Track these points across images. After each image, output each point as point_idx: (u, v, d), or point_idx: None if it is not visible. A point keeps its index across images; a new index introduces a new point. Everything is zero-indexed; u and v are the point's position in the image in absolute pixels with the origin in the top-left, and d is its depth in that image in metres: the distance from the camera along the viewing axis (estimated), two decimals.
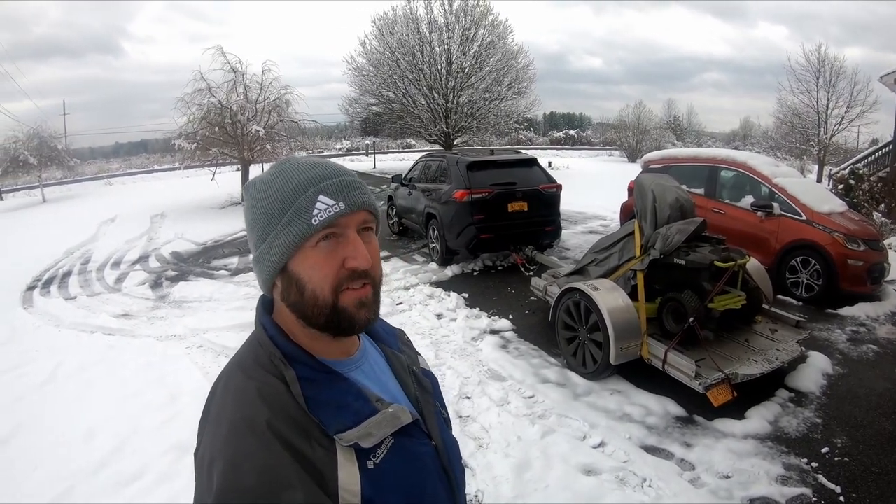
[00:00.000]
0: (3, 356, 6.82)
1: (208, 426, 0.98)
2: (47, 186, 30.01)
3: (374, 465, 0.97)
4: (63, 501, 3.90)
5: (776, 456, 4.13)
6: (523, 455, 4.14)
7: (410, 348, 1.37)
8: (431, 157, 11.46)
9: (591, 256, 6.34)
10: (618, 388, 5.12)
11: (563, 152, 49.37)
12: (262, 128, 18.52)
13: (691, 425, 4.55)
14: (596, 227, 13.06)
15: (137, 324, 7.74)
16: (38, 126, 28.79)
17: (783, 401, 4.88)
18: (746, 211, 8.19)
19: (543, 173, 9.80)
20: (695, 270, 5.02)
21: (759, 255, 6.88)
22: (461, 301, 7.83)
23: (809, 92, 26.66)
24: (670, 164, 9.55)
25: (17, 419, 5.15)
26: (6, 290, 9.98)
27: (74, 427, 4.86)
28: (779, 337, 5.22)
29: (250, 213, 1.04)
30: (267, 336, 1.05)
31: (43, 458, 4.48)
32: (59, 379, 6.01)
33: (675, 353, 4.68)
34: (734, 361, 4.77)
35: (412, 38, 29.07)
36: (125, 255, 12.58)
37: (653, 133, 42.68)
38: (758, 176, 8.30)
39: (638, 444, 4.31)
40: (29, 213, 23.00)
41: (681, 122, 59.40)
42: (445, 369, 5.63)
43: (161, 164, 43.75)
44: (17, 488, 4.12)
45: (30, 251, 13.57)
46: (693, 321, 4.73)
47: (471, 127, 30.50)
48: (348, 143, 58.59)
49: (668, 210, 5.48)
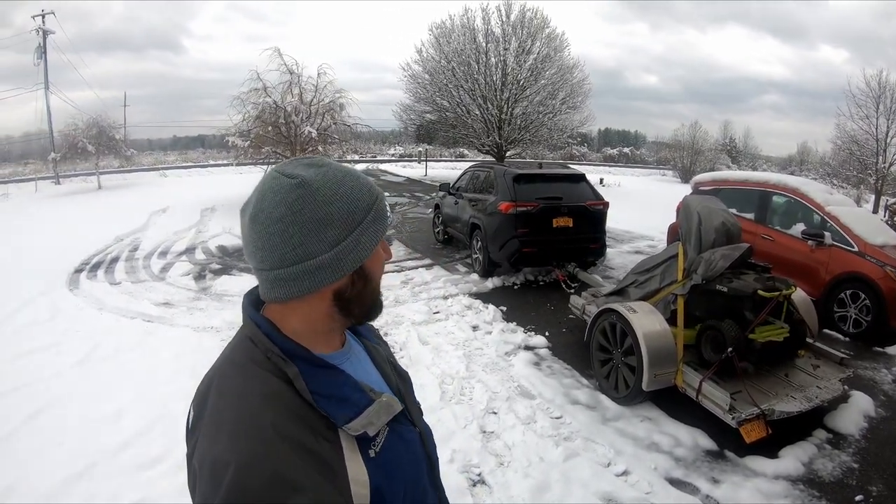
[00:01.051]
0: (44, 333, 7.06)
1: (205, 430, 0.96)
2: (104, 174, 31.05)
3: (376, 452, 1.01)
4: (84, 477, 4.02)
5: (807, 500, 3.94)
6: (543, 477, 4.06)
7: (382, 341, 1.40)
8: (479, 167, 11.46)
9: (632, 277, 6.21)
10: (649, 416, 4.98)
11: (616, 170, 49.05)
12: (315, 129, 18.80)
13: (721, 460, 4.39)
14: (642, 247, 12.85)
15: (176, 313, 7.92)
16: (98, 115, 29.88)
17: (820, 442, 4.65)
18: (796, 239, 7.94)
19: (591, 189, 9.66)
20: (737, 298, 4.85)
21: (806, 286, 6.66)
22: (498, 314, 7.77)
23: (869, 118, 25.67)
24: (721, 186, 9.35)
25: (51, 395, 5.33)
26: (55, 271, 10.31)
27: (103, 407, 5.00)
28: (821, 373, 4.98)
29: (322, 210, 1.00)
30: (261, 332, 1.03)
31: (70, 433, 4.62)
32: (95, 360, 6.21)
33: (711, 384, 4.52)
34: (771, 397, 4.57)
35: (468, 47, 29.18)
36: (172, 246, 12.86)
37: (707, 154, 42.11)
38: (810, 203, 8.04)
39: (663, 475, 4.18)
40: (84, 199, 23.83)
41: (736, 144, 58.23)
42: (475, 382, 5.58)
43: (216, 159, 44.76)
44: (42, 461, 4.26)
45: (81, 235, 14.01)
46: (731, 352, 4.55)
47: (523, 139, 30.46)
48: (401, 149, 59.12)
49: (713, 234, 5.30)
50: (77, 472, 4.06)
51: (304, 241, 0.99)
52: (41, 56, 33.95)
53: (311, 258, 1.00)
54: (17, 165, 45.04)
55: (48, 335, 6.98)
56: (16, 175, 38.90)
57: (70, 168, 32.93)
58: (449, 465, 4.15)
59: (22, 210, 21.18)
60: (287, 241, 0.99)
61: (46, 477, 4.02)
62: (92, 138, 28.58)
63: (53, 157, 30.74)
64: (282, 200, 0.99)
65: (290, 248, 0.99)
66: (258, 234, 1.01)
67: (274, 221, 0.99)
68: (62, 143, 29.86)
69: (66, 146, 29.01)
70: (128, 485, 3.87)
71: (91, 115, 29.62)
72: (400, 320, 7.39)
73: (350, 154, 21.23)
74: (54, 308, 8.17)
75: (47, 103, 34.22)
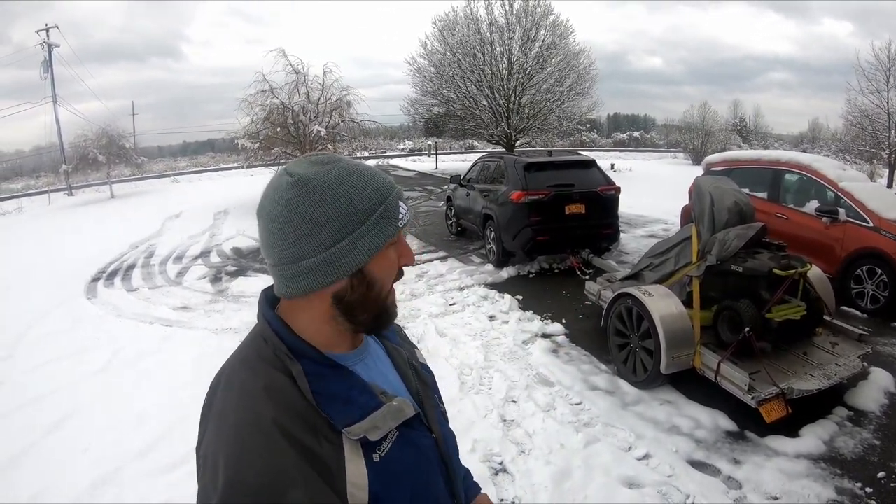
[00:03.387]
0: (65, 343, 7.16)
1: (211, 422, 0.99)
2: (116, 183, 31.37)
3: (380, 457, 1.00)
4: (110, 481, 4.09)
5: (829, 478, 3.91)
6: (565, 463, 4.07)
7: (408, 342, 1.39)
8: (489, 157, 11.47)
9: (646, 261, 6.19)
10: (668, 399, 4.98)
11: (627, 154, 48.73)
12: (324, 128, 18.85)
13: (742, 441, 4.37)
14: (656, 231, 12.80)
15: (195, 316, 8.02)
16: (107, 125, 30.21)
17: (840, 419, 4.61)
18: (810, 216, 7.85)
19: (602, 175, 9.65)
20: (752, 278, 4.85)
21: (823, 264, 6.57)
22: (515, 303, 7.78)
23: (880, 92, 24.86)
24: (732, 166, 9.28)
25: (74, 403, 5.43)
26: (72, 281, 10.46)
27: (126, 412, 5.08)
28: (839, 351, 4.95)
29: (316, 211, 0.98)
30: (271, 330, 1.04)
31: (94, 439, 4.71)
32: (116, 367, 6.31)
33: (729, 365, 4.50)
34: (790, 375, 4.56)
35: (473, 38, 29.08)
36: (188, 250, 13.01)
37: (718, 135, 41.75)
38: (823, 179, 7.94)
39: (684, 458, 4.18)
40: (97, 209, 24.14)
41: (747, 123, 57.62)
42: (493, 372, 5.60)
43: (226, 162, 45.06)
44: (68, 467, 4.35)
45: (97, 244, 14.20)
46: (749, 331, 4.53)
47: (532, 128, 30.33)
48: (410, 143, 59.15)
49: (726, 214, 5.28)
50: (103, 477, 4.15)
51: (297, 240, 0.99)
52: (48, 70, 34.31)
53: (304, 259, 0.99)
54: (30, 179, 45.79)
55: (69, 344, 7.09)
56: (28, 188, 39.84)
57: (82, 179, 33.23)
58: (470, 455, 4.18)
59: (36, 222, 21.46)
60: (284, 240, 1.00)
61: (73, 483, 4.10)
62: (102, 148, 28.86)
63: (65, 168, 31.09)
64: (279, 198, 1.00)
65: (287, 247, 1.00)
66: (262, 229, 1.03)
67: (273, 219, 1.00)
68: (73, 154, 30.17)
69: (78, 157, 29.30)
70: (153, 487, 3.94)
71: (100, 126, 29.96)
72: (416, 313, 7.43)
73: (360, 150, 21.22)
74: (73, 317, 8.30)
75: (56, 116, 34.82)
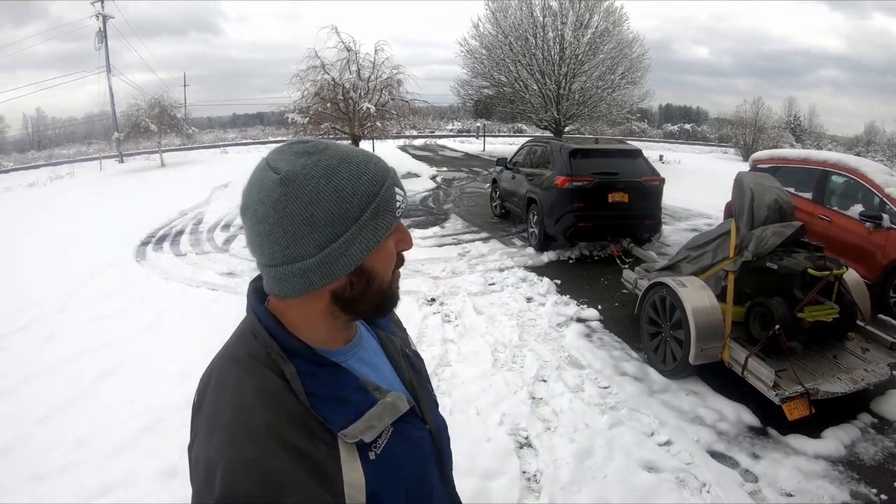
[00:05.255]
0: (114, 301, 7.56)
1: (203, 425, 0.96)
2: (166, 152, 32.12)
3: (376, 455, 0.98)
4: (154, 430, 4.35)
5: (845, 482, 3.95)
6: (588, 442, 4.20)
7: (401, 328, 1.36)
8: (536, 142, 11.58)
9: (684, 253, 6.26)
10: (694, 390, 5.06)
11: (676, 146, 48.00)
12: (374, 105, 19.02)
13: (763, 437, 4.43)
14: (700, 225, 12.69)
15: (240, 282, 8.28)
16: (160, 95, 30.83)
17: (864, 425, 4.62)
18: (854, 220, 7.72)
19: (647, 165, 9.71)
20: (787, 276, 4.88)
21: (863, 269, 6.51)
22: (553, 287, 7.92)
23: None
24: (779, 164, 9.15)
25: (121, 356, 5.74)
26: (123, 244, 10.92)
27: (171, 368, 5.29)
28: (869, 357, 4.91)
29: (307, 210, 0.92)
30: (262, 326, 1.00)
31: (139, 391, 4.98)
32: (162, 325, 6.62)
33: (757, 360, 4.56)
34: (817, 376, 4.57)
35: (526, 21, 28.82)
36: (235, 219, 13.23)
37: (770, 132, 40.71)
38: (869, 184, 7.76)
39: (705, 447, 4.27)
40: (148, 176, 24.84)
41: (801, 122, 56.21)
42: (527, 351, 5.76)
43: (275, 136, 45.56)
44: (113, 415, 4.62)
45: (146, 210, 14.65)
46: (779, 329, 4.58)
47: (582, 115, 30.00)
48: (459, 124, 59.05)
49: (765, 211, 5.30)
50: (146, 426, 4.39)
51: (289, 243, 0.93)
52: (102, 40, 35.06)
53: (297, 261, 0.94)
54: (81, 145, 47.09)
55: (118, 302, 7.48)
56: (80, 154, 40.87)
57: (133, 147, 34.19)
58: (498, 428, 4.36)
59: (88, 187, 22.17)
60: (275, 242, 0.94)
61: (117, 430, 4.36)
62: (154, 118, 29.47)
63: (117, 136, 31.90)
64: (265, 198, 0.93)
65: (278, 249, 0.94)
66: (247, 228, 0.98)
67: (259, 220, 0.94)
68: (125, 122, 30.88)
69: (130, 126, 30.02)
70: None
71: (153, 96, 30.62)
72: (456, 291, 7.61)
73: (409, 129, 21.36)
74: (123, 278, 8.72)
75: (110, 85, 35.46)
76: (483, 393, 4.91)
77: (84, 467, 3.96)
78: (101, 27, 34.80)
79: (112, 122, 34.98)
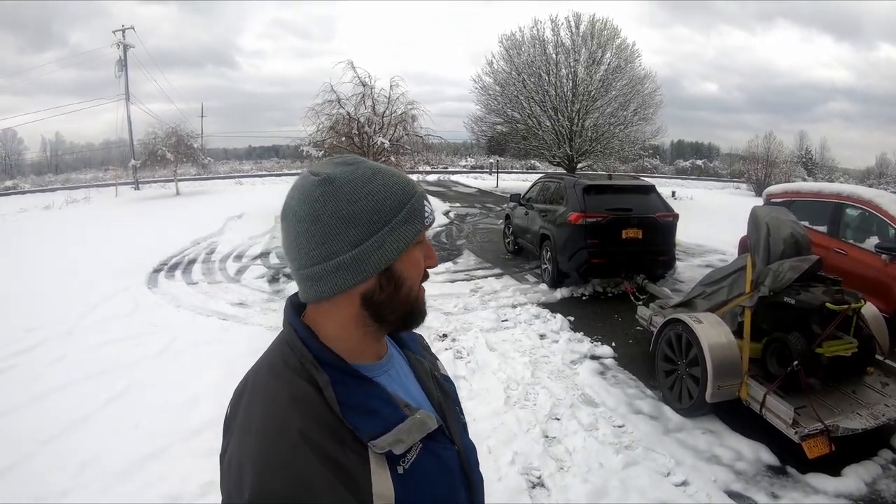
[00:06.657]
0: (125, 326, 7.58)
1: (236, 430, 0.99)
2: (182, 181, 32.73)
3: (405, 469, 0.99)
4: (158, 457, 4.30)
5: None
6: (602, 483, 4.11)
7: (430, 353, 1.39)
8: (549, 178, 11.60)
9: (699, 289, 6.18)
10: (711, 428, 4.95)
11: (689, 182, 47.99)
12: (388, 140, 19.16)
13: (782, 476, 4.32)
14: (714, 261, 12.56)
15: (251, 313, 8.30)
16: (177, 125, 31.60)
17: (885, 462, 4.50)
18: (870, 253, 7.57)
19: (661, 201, 9.66)
20: (804, 311, 4.79)
21: (880, 303, 6.39)
22: (566, 324, 7.84)
23: None
24: (793, 198, 9.06)
25: (130, 382, 5.72)
26: (135, 270, 10.98)
27: (179, 395, 5.28)
28: (889, 392, 4.80)
29: (345, 208, 0.98)
30: (297, 337, 1.03)
31: (146, 416, 4.93)
32: (172, 352, 6.61)
33: (775, 398, 4.46)
34: (837, 413, 4.46)
35: (539, 59, 29.33)
36: (248, 250, 13.44)
37: (782, 167, 40.70)
38: (884, 215, 7.60)
39: (722, 487, 4.16)
40: (163, 204, 25.24)
41: (812, 156, 56.26)
42: (539, 388, 5.67)
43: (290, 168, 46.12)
44: (119, 439, 4.58)
45: (160, 238, 14.80)
46: (797, 365, 4.49)
47: (595, 151, 30.27)
48: (472, 160, 59.51)
49: (781, 245, 5.22)
50: (151, 453, 4.35)
51: (325, 239, 0.98)
52: (122, 69, 35.94)
53: (333, 258, 0.98)
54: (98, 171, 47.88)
55: (128, 327, 7.51)
56: (96, 180, 41.56)
57: (149, 174, 34.85)
58: (510, 467, 4.27)
59: (104, 213, 22.51)
60: (311, 240, 0.99)
61: (121, 455, 4.31)
62: (171, 147, 30.09)
63: (134, 163, 32.64)
64: (306, 198, 0.99)
65: (314, 247, 0.99)
66: (286, 231, 1.03)
67: (299, 220, 0.99)
68: (142, 150, 31.58)
69: (147, 154, 30.66)
70: (198, 467, 4.03)
71: (170, 125, 31.35)
72: (468, 327, 7.53)
73: (422, 165, 21.52)
74: (134, 303, 8.74)
75: (128, 113, 36.57)
76: (495, 431, 4.82)
77: (85, 491, 3.92)
78: (122, 56, 35.71)
79: (129, 150, 35.99)
